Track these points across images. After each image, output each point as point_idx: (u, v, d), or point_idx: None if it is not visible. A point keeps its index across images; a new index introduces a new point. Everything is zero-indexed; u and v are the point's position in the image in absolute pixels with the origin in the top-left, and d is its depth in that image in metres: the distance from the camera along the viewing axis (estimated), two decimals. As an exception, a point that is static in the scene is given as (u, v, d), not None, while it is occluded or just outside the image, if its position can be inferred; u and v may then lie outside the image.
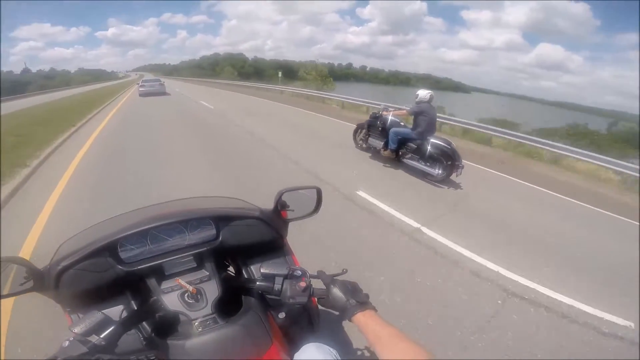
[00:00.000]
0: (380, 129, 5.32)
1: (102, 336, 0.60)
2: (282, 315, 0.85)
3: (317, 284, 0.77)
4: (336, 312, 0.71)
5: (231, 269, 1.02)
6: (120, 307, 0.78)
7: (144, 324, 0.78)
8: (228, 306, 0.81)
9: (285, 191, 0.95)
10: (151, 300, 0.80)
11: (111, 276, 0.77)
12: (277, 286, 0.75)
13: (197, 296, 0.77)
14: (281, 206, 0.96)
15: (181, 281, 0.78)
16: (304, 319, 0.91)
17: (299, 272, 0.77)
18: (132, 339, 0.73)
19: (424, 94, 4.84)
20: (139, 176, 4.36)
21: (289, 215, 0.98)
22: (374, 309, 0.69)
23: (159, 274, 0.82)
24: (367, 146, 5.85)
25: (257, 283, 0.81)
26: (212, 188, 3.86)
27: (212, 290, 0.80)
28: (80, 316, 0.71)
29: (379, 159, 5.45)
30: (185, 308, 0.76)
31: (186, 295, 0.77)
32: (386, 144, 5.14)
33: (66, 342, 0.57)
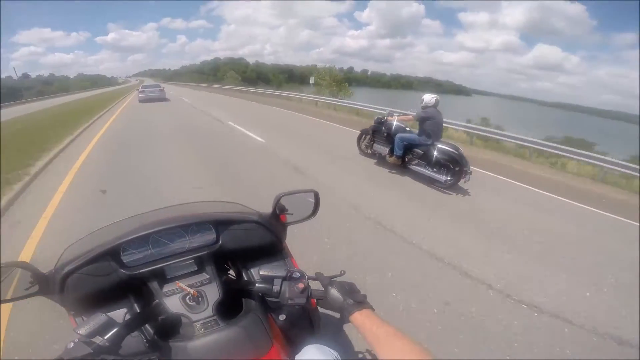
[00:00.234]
0: (385, 134, 5.23)
1: (106, 337, 0.61)
2: (282, 317, 0.86)
3: (316, 286, 0.77)
4: (334, 312, 0.72)
5: (232, 272, 1.02)
6: (124, 310, 0.79)
7: (147, 326, 0.79)
8: (229, 308, 0.82)
9: (283, 195, 0.95)
10: (153, 303, 0.81)
11: (114, 280, 0.79)
12: (275, 288, 0.77)
13: (198, 299, 0.79)
14: (280, 210, 0.96)
15: (181, 284, 0.79)
16: (304, 321, 0.90)
17: (298, 274, 0.78)
18: (135, 341, 0.74)
19: (429, 98, 4.75)
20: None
21: (287, 218, 0.99)
22: (371, 308, 0.70)
23: (161, 277, 0.83)
24: (371, 152, 5.76)
25: (257, 285, 0.82)
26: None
27: (212, 293, 0.81)
28: (84, 319, 0.71)
29: (385, 165, 5.35)
30: (187, 310, 0.77)
31: (187, 297, 0.79)
32: (392, 150, 5.05)
33: (71, 344, 0.58)
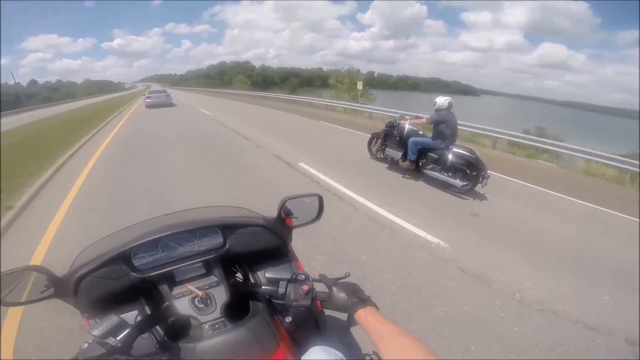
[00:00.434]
0: (397, 138, 5.10)
1: (118, 338, 0.63)
2: (288, 319, 0.87)
3: (321, 289, 0.78)
4: (339, 312, 0.73)
5: (239, 275, 1.04)
6: (135, 312, 0.82)
7: (157, 327, 0.81)
8: (236, 310, 0.84)
9: (288, 199, 0.97)
10: (164, 305, 0.83)
11: (126, 283, 0.81)
12: (281, 290, 0.78)
13: (206, 301, 0.81)
14: (285, 214, 0.98)
15: (190, 287, 0.81)
16: (310, 323, 0.91)
17: (302, 276, 0.80)
18: (146, 342, 0.76)
19: (442, 101, 4.63)
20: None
21: (292, 222, 1.00)
22: (375, 306, 0.70)
23: (171, 280, 0.85)
24: (383, 157, 5.64)
25: (263, 287, 0.83)
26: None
27: (220, 295, 0.83)
28: (97, 321, 0.74)
29: (397, 169, 5.22)
30: (196, 312, 0.79)
31: (196, 300, 0.81)
32: (405, 154, 4.92)
33: (85, 344, 0.60)
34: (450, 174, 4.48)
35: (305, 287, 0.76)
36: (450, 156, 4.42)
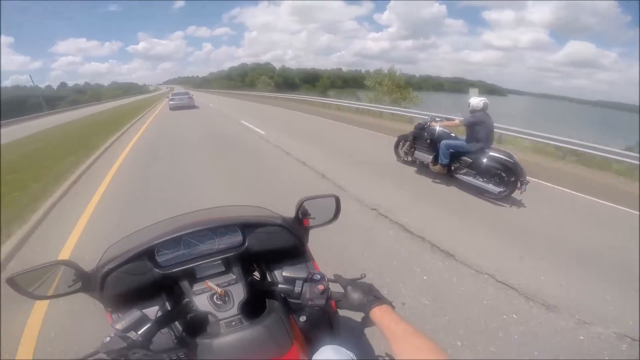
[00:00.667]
0: (428, 141, 4.90)
1: (139, 333, 0.65)
2: (303, 319, 0.87)
3: (336, 290, 0.79)
4: (354, 311, 0.75)
5: (256, 273, 1.05)
6: (156, 308, 0.83)
7: (176, 323, 0.83)
8: (253, 308, 0.85)
9: (306, 200, 0.98)
10: (184, 301, 0.85)
11: (149, 279, 0.83)
12: (297, 289, 0.80)
13: (224, 298, 0.82)
14: (302, 214, 0.99)
15: (210, 283, 0.82)
16: (324, 323, 0.91)
17: (318, 276, 0.80)
18: (165, 337, 0.77)
19: (476, 101, 4.38)
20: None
21: (310, 222, 1.01)
22: (390, 304, 0.71)
23: (191, 277, 0.87)
24: (411, 160, 5.45)
25: (279, 286, 0.84)
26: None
27: (238, 293, 0.84)
28: (119, 315, 0.75)
29: (427, 173, 5.02)
30: (214, 309, 0.80)
31: (215, 297, 0.82)
32: (436, 158, 4.72)
33: (107, 338, 0.62)
34: (485, 178, 4.25)
35: (321, 287, 0.77)
36: (486, 160, 4.18)
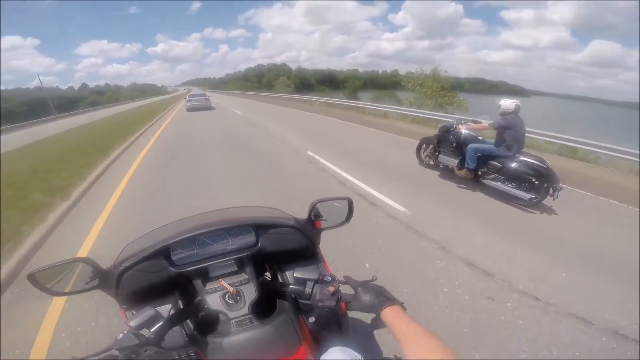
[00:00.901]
0: (453, 144, 4.75)
1: (152, 330, 0.67)
2: (312, 320, 0.88)
3: (347, 292, 0.80)
4: (365, 312, 0.75)
5: (268, 273, 1.06)
6: (169, 306, 0.84)
7: (188, 321, 0.85)
8: (264, 308, 0.86)
9: (319, 202, 0.99)
10: (196, 300, 0.86)
11: (164, 277, 0.85)
12: (307, 290, 0.80)
13: (236, 297, 0.83)
14: (315, 216, 1.00)
15: (223, 282, 0.84)
16: (333, 324, 0.91)
17: (329, 277, 0.81)
18: (177, 335, 0.79)
19: (507, 104, 4.20)
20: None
21: (322, 224, 1.02)
22: (402, 305, 0.71)
23: (204, 276, 0.88)
24: (435, 163, 5.30)
25: (290, 286, 0.86)
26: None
27: (250, 293, 0.85)
28: (133, 313, 0.77)
29: (451, 178, 4.86)
30: (225, 308, 0.81)
31: (227, 296, 0.83)
32: (462, 162, 4.56)
33: (120, 335, 0.63)
34: (514, 184, 4.06)
35: (332, 289, 0.78)
36: (516, 165, 4.01)
